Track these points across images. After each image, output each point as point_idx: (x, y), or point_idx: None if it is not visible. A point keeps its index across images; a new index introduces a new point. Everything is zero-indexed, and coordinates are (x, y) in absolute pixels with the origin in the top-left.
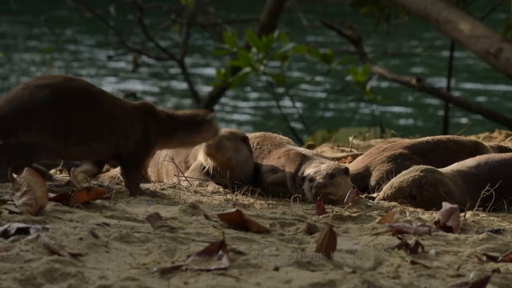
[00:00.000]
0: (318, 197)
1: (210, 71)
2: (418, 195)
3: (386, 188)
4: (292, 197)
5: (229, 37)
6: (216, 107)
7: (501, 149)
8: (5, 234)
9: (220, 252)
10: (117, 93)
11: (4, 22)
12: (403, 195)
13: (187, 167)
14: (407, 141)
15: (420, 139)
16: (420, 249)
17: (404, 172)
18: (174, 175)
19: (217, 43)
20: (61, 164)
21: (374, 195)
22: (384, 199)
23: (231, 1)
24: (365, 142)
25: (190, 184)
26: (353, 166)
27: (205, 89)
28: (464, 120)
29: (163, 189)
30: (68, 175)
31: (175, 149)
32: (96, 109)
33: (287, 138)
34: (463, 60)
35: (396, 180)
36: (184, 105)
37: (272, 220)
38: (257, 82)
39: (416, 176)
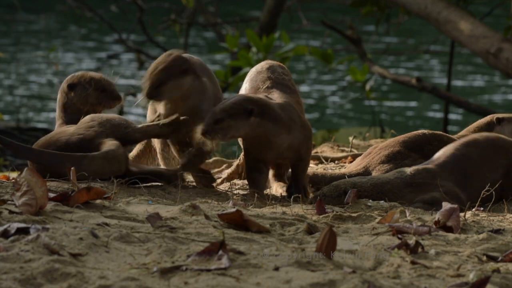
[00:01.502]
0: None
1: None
2: None
3: None
4: (292, 197)
5: (231, 38)
6: None
7: None
8: (5, 234)
9: (220, 252)
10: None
11: (7, 22)
12: None
13: None
14: (402, 136)
15: (415, 132)
16: (420, 249)
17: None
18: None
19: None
20: None
21: None
22: None
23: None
24: (365, 142)
25: None
26: (353, 167)
27: None
28: (464, 120)
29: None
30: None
31: None
32: None
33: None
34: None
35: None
36: None
37: (272, 220)
38: None
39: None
